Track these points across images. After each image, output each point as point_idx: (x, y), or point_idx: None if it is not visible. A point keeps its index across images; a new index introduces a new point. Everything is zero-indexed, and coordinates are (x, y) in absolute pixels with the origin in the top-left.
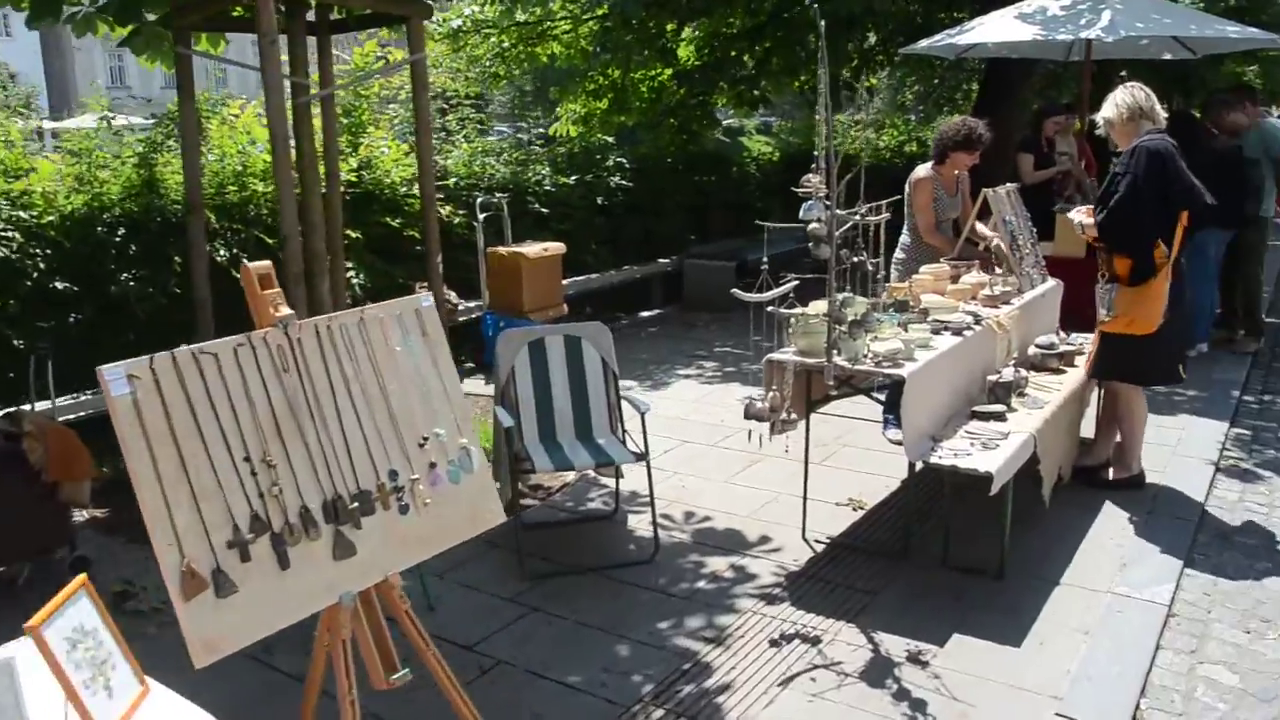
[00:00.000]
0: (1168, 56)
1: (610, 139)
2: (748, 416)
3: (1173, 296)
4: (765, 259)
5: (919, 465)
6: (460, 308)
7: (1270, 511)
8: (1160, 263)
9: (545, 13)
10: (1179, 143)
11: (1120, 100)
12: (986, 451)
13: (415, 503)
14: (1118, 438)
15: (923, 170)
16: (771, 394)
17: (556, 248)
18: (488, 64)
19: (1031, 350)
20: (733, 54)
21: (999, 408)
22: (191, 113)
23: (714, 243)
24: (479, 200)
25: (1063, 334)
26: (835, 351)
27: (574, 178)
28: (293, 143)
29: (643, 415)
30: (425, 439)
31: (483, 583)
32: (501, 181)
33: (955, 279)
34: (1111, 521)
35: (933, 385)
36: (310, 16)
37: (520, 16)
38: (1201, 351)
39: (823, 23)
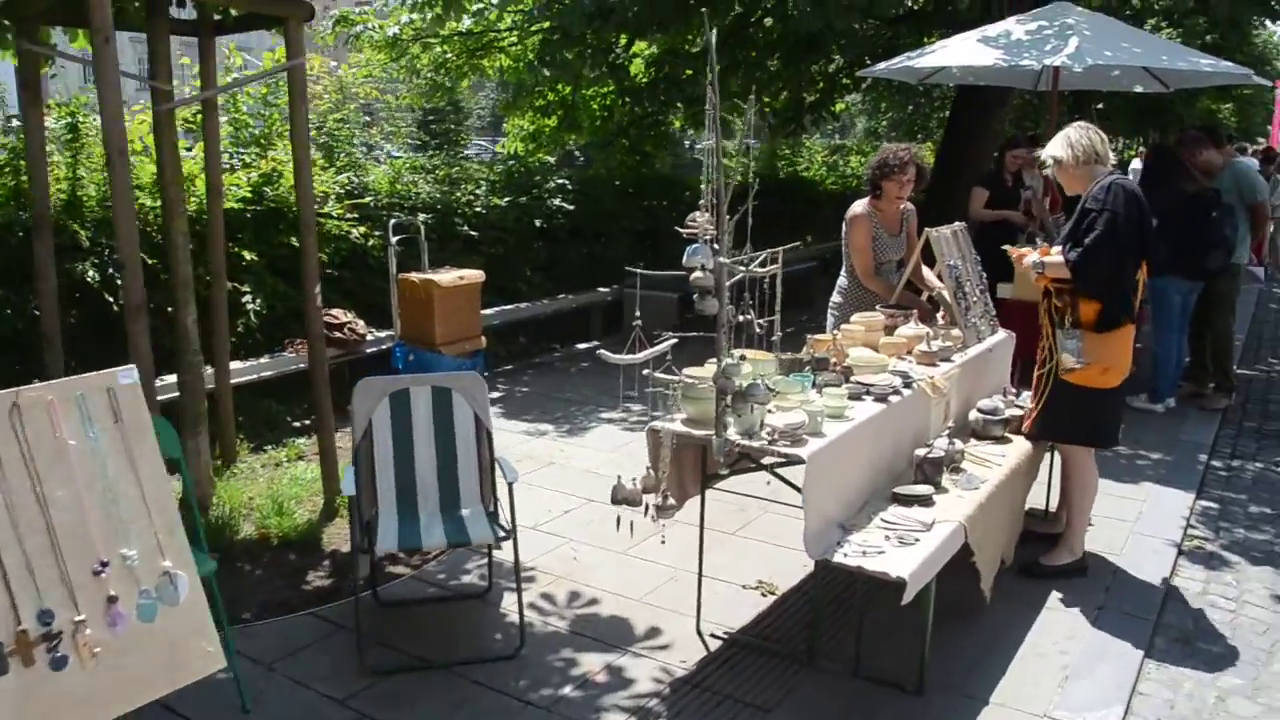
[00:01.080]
0: (1139, 89)
1: (551, 159)
2: (616, 500)
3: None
4: (638, 313)
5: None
6: (369, 337)
7: (1239, 608)
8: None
9: (488, 23)
10: (1155, 180)
11: (1076, 141)
12: (903, 548)
13: (79, 653)
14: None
15: (859, 206)
16: (646, 472)
17: (474, 275)
18: (429, 75)
19: (973, 415)
20: (687, 73)
21: (924, 490)
22: (38, 116)
23: (658, 270)
24: (393, 222)
25: (1012, 393)
26: (725, 424)
27: (506, 199)
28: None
29: (510, 486)
30: (104, 564)
31: (316, 677)
32: (427, 201)
33: (891, 330)
34: (1057, 620)
35: (844, 464)
36: (189, 15)
37: (455, 26)
38: (1169, 407)
39: (712, 34)
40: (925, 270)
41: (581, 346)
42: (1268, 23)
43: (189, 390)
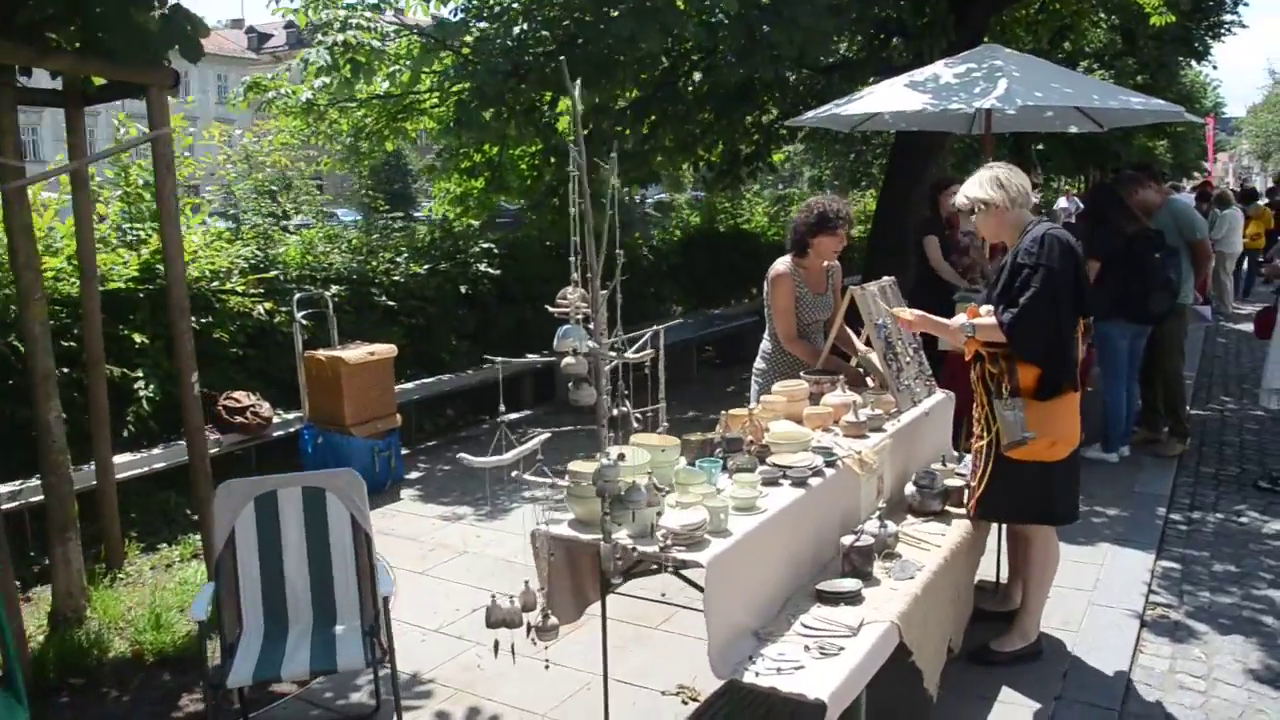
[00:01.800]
0: (1074, 129)
1: (475, 223)
2: (491, 624)
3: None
4: (502, 407)
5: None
6: (275, 420)
7: (1209, 687)
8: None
9: (404, 85)
10: (1095, 220)
11: (1009, 181)
12: (825, 660)
13: None
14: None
15: (781, 265)
16: (524, 587)
17: (385, 350)
18: (347, 141)
19: (908, 490)
20: (618, 128)
21: (851, 585)
22: None
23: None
24: (298, 296)
25: (953, 458)
26: (613, 528)
27: (427, 266)
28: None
29: (385, 601)
30: None
31: None
32: (341, 272)
33: (816, 398)
34: (1011, 715)
35: (755, 563)
36: (54, 84)
37: (374, 89)
38: (1123, 455)
39: (575, 85)
40: (849, 333)
41: (513, 417)
42: (1193, 62)
43: (54, 493)
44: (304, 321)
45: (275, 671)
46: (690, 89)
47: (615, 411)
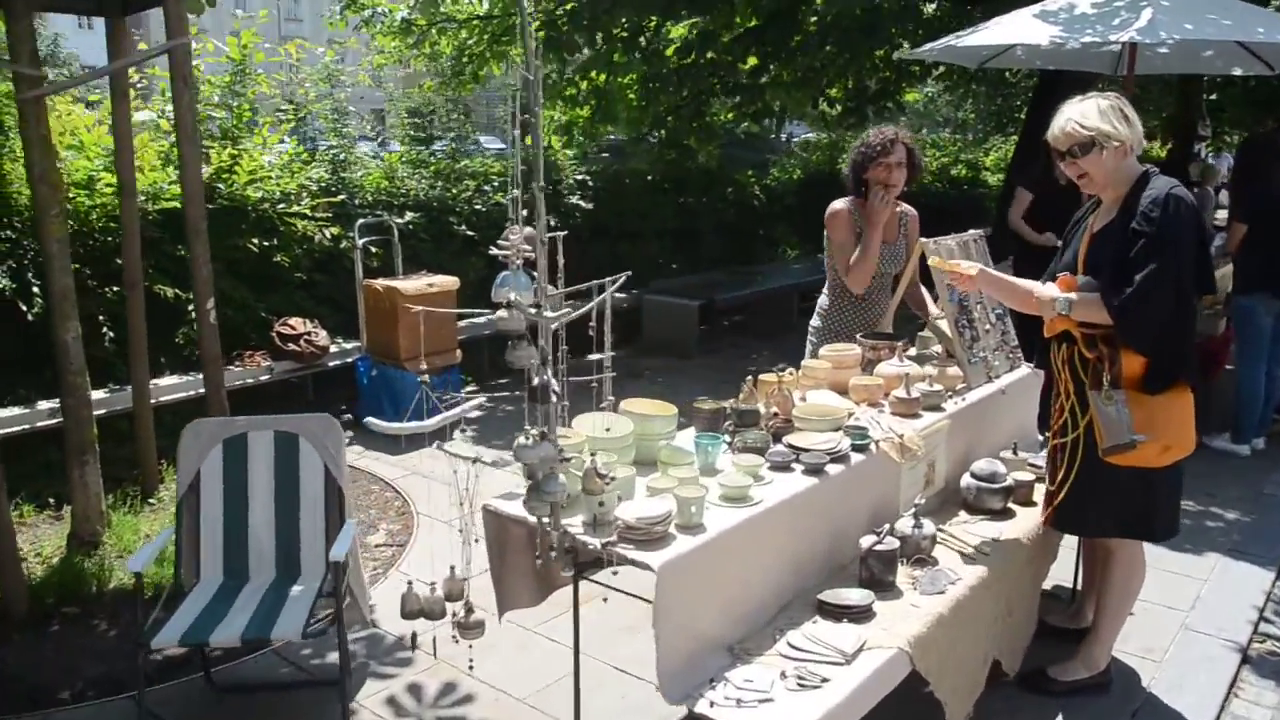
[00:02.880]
0: (1239, 71)
1: (571, 153)
2: (406, 614)
3: None
4: (424, 367)
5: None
6: (332, 349)
7: None
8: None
9: (505, 4)
10: (1245, 177)
11: (1134, 115)
12: (801, 693)
13: None
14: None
15: (840, 202)
16: (449, 573)
17: (447, 282)
18: (448, 64)
19: (965, 482)
20: (728, 59)
21: (859, 598)
22: None
23: (683, 276)
24: (360, 222)
25: (1033, 443)
26: (561, 515)
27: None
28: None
29: (336, 565)
30: None
31: None
32: (418, 199)
33: (871, 366)
34: None
35: (736, 566)
36: None
37: (475, 8)
38: (1257, 449)
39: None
40: (924, 293)
41: (593, 358)
42: None
43: (72, 415)
44: (372, 248)
45: (204, 636)
46: (812, 20)
47: (536, 380)
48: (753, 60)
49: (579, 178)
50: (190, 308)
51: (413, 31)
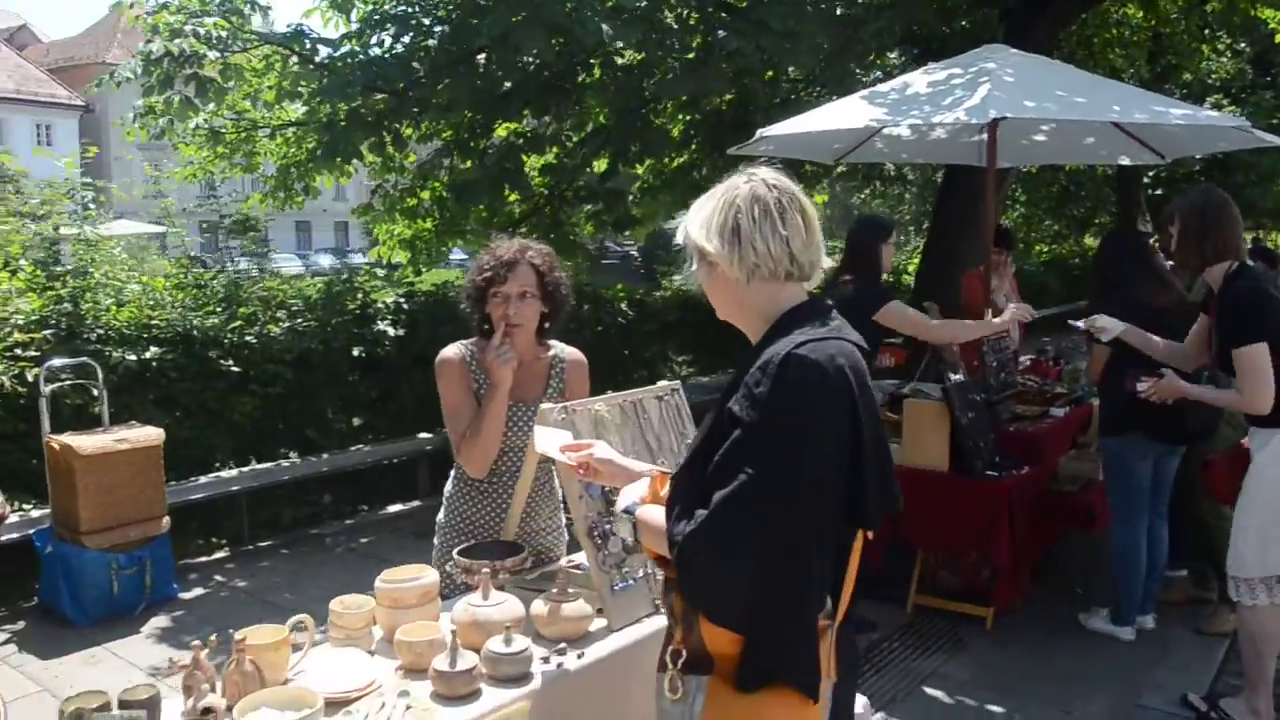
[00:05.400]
0: (1125, 161)
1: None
2: None
3: None
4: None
5: None
6: (13, 519)
7: None
8: None
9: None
10: (1109, 285)
11: (751, 226)
12: None
13: None
14: None
15: (453, 348)
16: None
17: (145, 436)
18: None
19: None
20: (571, 162)
21: None
22: None
23: None
24: (47, 364)
25: None
26: None
27: (285, 325)
28: None
29: None
30: None
31: None
32: (181, 329)
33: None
34: None
35: None
36: None
37: (286, 114)
38: (1145, 628)
39: None
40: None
41: (394, 509)
42: None
43: None
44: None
45: None
46: (661, 115)
47: None
48: (601, 163)
49: (391, 300)
50: None
51: (221, 140)
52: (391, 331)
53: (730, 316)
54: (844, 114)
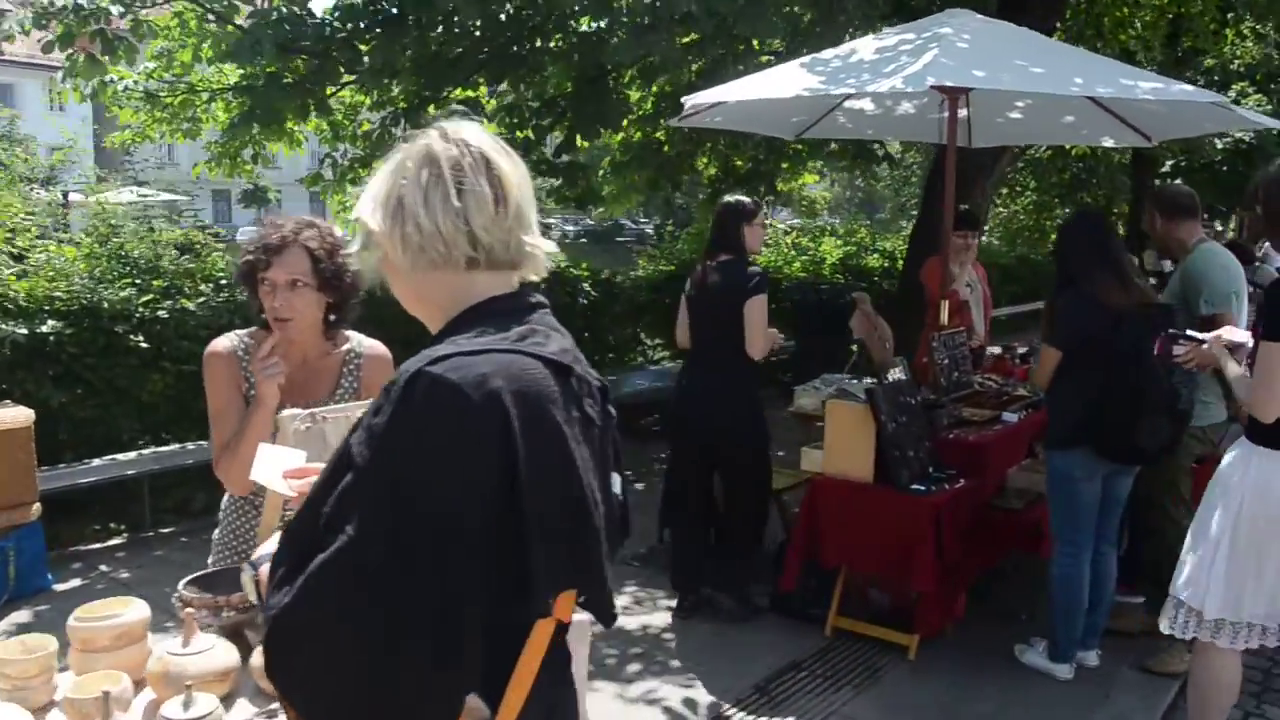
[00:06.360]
0: (1109, 142)
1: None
2: None
3: None
4: None
5: None
6: None
7: None
8: None
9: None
10: (1066, 282)
11: (417, 200)
12: None
13: None
14: None
15: (224, 340)
16: None
17: (15, 417)
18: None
19: None
20: (524, 134)
21: None
22: None
23: None
24: None
25: None
26: None
27: (200, 300)
28: None
29: None
30: None
31: None
32: (83, 303)
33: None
34: None
35: None
36: None
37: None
38: (1088, 665)
39: None
40: None
41: None
42: None
43: None
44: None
45: None
46: (631, 87)
47: None
48: (558, 132)
49: None
50: None
51: (158, 103)
52: None
53: (416, 313)
54: (778, 82)
